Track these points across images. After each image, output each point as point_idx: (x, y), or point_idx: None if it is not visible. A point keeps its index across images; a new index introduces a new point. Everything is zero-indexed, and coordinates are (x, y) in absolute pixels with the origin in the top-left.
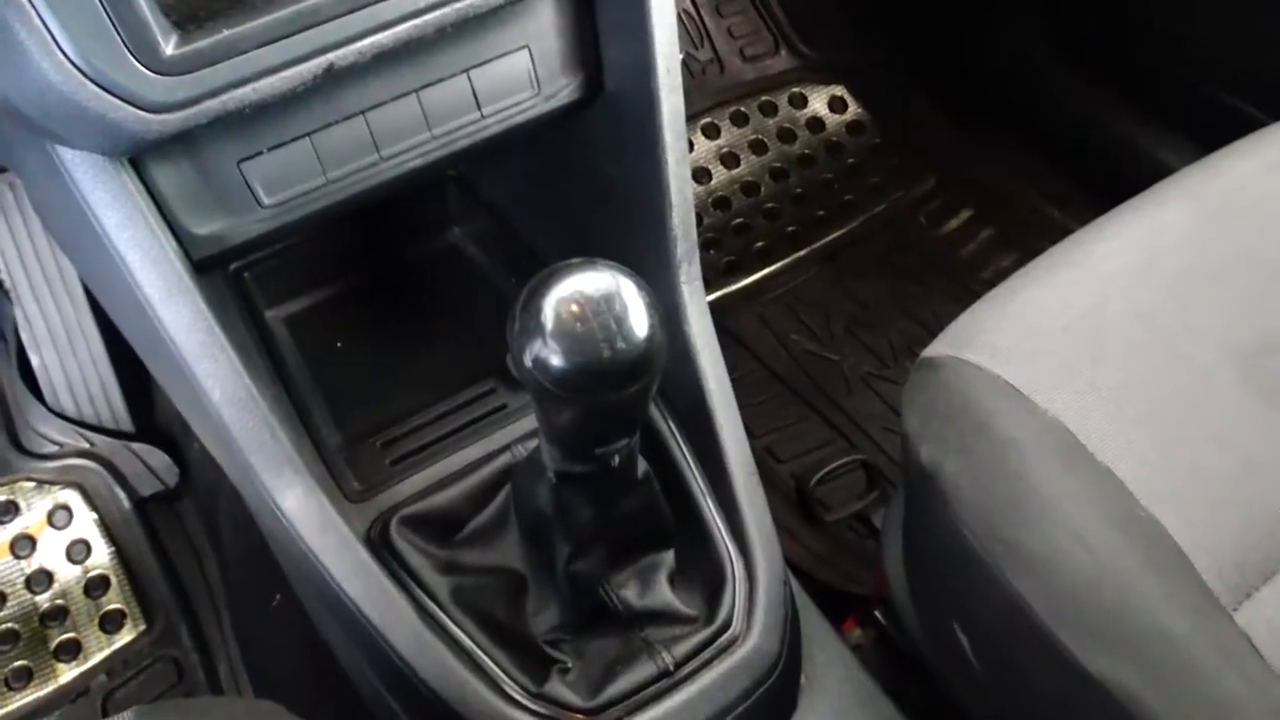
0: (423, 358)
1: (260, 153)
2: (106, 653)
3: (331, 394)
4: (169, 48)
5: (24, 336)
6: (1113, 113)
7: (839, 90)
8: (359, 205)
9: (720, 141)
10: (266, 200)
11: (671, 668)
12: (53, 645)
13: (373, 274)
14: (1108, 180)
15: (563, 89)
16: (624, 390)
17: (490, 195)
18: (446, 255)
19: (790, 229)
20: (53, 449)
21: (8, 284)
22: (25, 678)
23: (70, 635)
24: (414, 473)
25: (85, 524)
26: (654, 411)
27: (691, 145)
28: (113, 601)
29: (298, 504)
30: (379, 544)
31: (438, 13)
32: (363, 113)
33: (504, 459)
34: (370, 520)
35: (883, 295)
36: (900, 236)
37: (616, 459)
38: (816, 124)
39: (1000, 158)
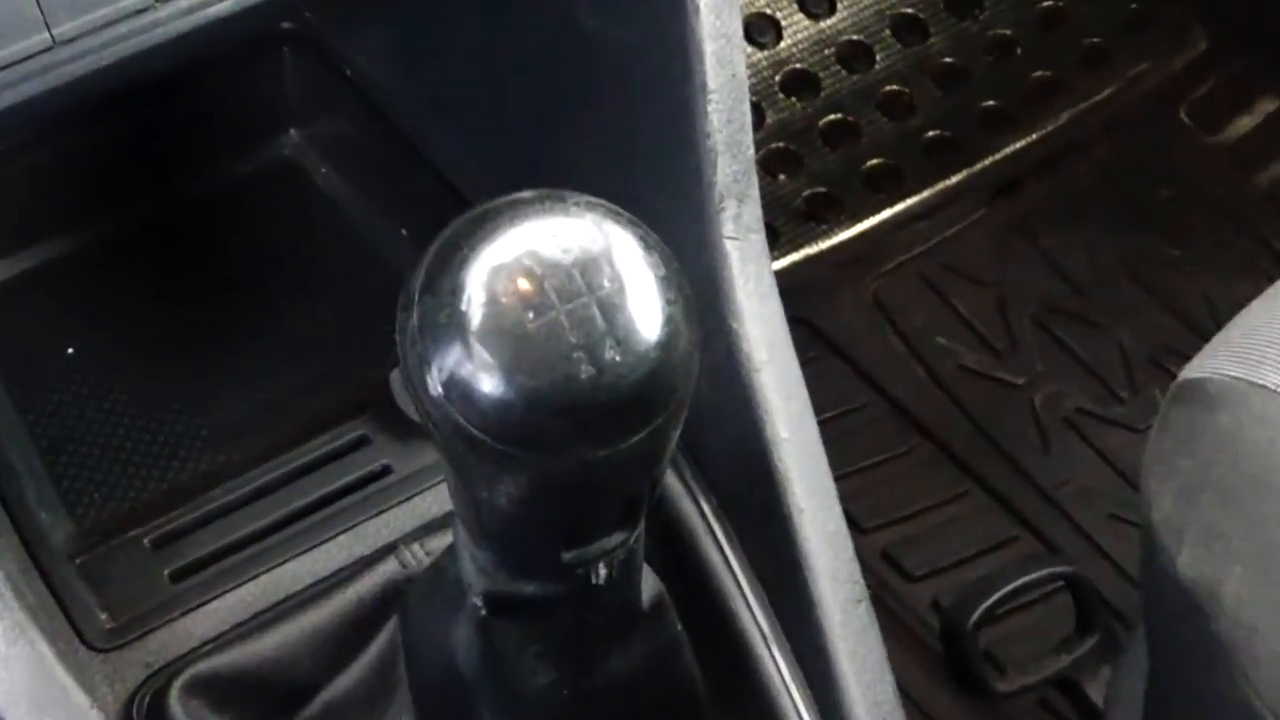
0: (233, 377)
1: None
2: None
3: (57, 446)
4: None
5: None
6: None
7: None
8: (116, 88)
9: None
10: None
11: None
12: None
13: (140, 218)
14: None
15: None
16: (617, 443)
17: (361, 70)
18: (279, 182)
19: (930, 135)
20: None
21: None
22: None
23: None
24: (217, 595)
25: None
26: (674, 481)
27: None
28: None
29: None
30: None
31: None
32: None
33: (386, 570)
34: (134, 685)
35: (1108, 263)
36: (1142, 150)
37: (602, 572)
38: None
39: None
